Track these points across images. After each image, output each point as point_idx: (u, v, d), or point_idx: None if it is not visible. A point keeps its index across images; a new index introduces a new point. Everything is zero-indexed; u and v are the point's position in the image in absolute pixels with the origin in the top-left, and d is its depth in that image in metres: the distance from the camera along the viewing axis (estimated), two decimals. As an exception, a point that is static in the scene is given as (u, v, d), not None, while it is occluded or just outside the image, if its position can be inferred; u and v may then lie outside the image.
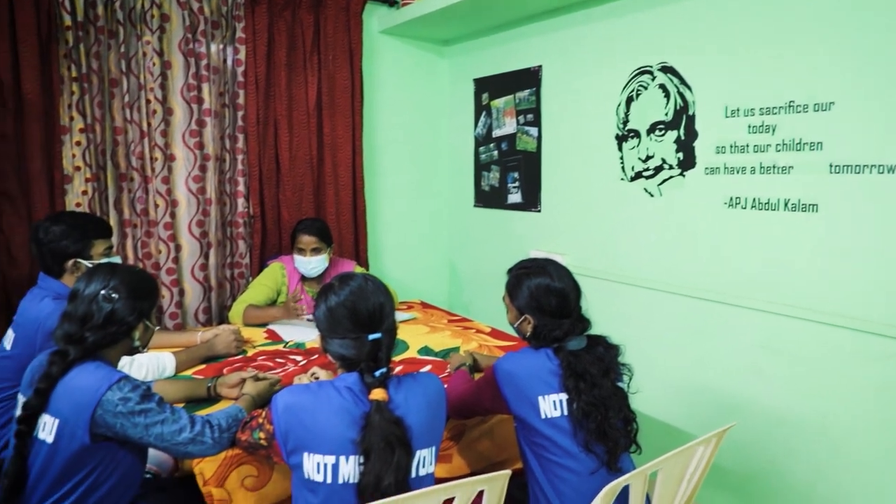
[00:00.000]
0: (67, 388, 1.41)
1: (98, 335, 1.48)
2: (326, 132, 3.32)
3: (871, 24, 1.90)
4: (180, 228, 2.99)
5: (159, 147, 2.91)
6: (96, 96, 2.76)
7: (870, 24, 1.90)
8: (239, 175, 3.13)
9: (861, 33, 1.93)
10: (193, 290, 3.03)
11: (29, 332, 1.90)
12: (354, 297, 1.38)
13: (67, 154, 2.71)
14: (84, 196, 2.74)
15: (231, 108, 3.11)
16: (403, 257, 3.76)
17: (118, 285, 1.53)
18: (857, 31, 1.93)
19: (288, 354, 2.29)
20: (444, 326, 2.72)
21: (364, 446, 1.25)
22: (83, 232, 2.02)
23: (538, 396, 1.55)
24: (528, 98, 3.25)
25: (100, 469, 1.43)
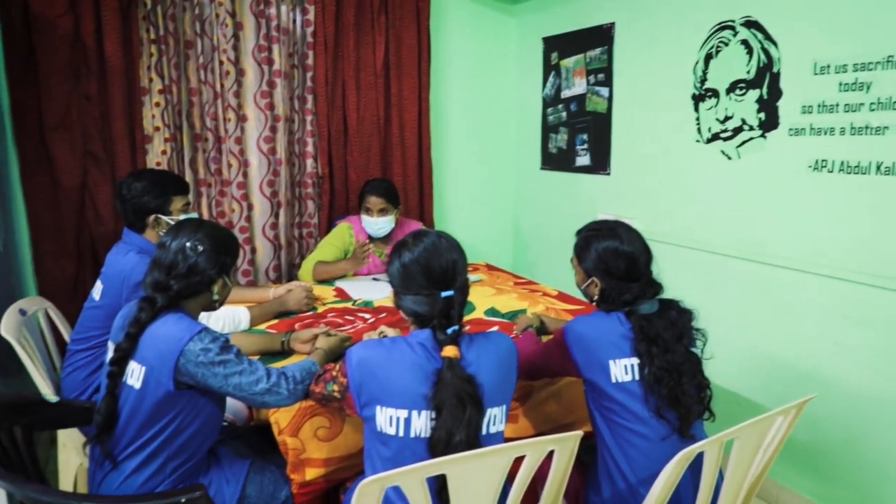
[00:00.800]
0: (153, 337, 1.47)
1: (181, 284, 1.53)
2: (393, 93, 3.32)
3: None
4: (252, 188, 3.06)
5: (232, 108, 2.97)
6: (173, 58, 2.83)
7: None
8: (308, 136, 3.17)
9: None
10: (264, 248, 3.12)
11: (115, 284, 1.99)
12: (428, 253, 1.39)
13: (147, 115, 2.80)
14: (163, 156, 2.84)
15: (300, 69, 3.13)
16: (469, 219, 3.75)
17: (203, 238, 1.58)
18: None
19: (356, 312, 2.33)
20: (511, 289, 2.71)
21: (436, 402, 1.26)
22: (163, 188, 2.09)
23: (609, 360, 1.53)
24: (599, 57, 3.15)
25: (183, 415, 1.49)
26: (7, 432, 1.54)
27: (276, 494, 1.65)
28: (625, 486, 1.52)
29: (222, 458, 1.66)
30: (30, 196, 2.68)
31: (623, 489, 1.52)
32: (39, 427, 1.67)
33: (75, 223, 2.75)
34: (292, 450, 1.58)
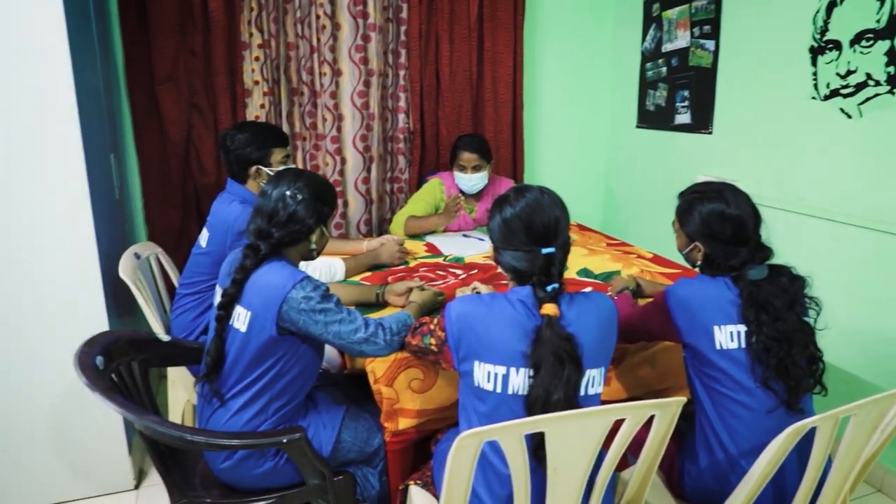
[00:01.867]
0: (258, 283, 1.53)
1: (282, 232, 1.58)
2: (487, 47, 3.25)
3: None
4: (345, 142, 3.10)
5: (327, 62, 2.99)
6: (272, 13, 2.86)
7: None
8: (400, 90, 3.17)
9: None
10: (356, 202, 3.17)
11: (220, 232, 2.08)
12: (530, 209, 1.36)
13: (247, 69, 2.86)
14: (261, 109, 2.91)
15: (394, 22, 3.11)
16: (559, 177, 3.67)
17: (302, 187, 1.61)
18: None
19: (448, 268, 2.34)
20: (603, 250, 2.64)
21: (534, 360, 1.25)
22: (264, 140, 2.15)
23: (714, 326, 1.46)
24: (705, 7, 2.95)
25: (285, 359, 1.55)
26: (126, 367, 1.66)
27: (370, 441, 1.70)
28: (724, 457, 1.47)
29: (319, 404, 1.72)
30: (141, 148, 2.82)
31: (722, 460, 1.47)
32: (153, 364, 1.78)
33: (181, 174, 2.87)
34: (387, 399, 1.62)
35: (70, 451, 2.20)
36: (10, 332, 2.04)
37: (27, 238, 2.00)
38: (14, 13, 1.87)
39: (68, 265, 2.06)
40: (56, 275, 2.05)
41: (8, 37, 1.88)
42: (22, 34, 1.89)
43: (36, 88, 1.92)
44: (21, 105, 1.92)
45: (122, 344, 1.67)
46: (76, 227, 2.04)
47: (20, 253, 2.00)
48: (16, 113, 1.92)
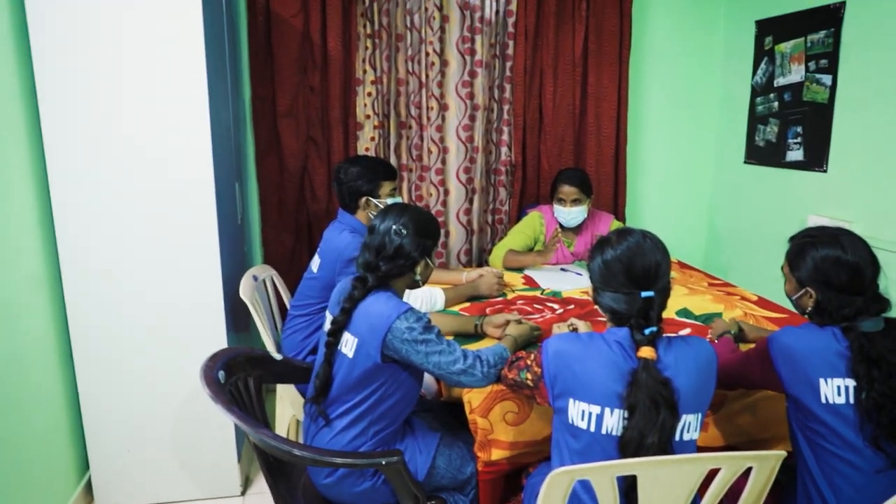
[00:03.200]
0: (366, 312, 1.63)
1: (389, 265, 1.68)
2: (591, 82, 3.28)
3: None
4: (449, 174, 3.21)
5: (435, 97, 3.12)
6: (385, 51, 3.04)
7: None
8: (504, 124, 3.25)
9: None
10: (457, 232, 3.26)
11: (330, 259, 2.21)
12: (631, 252, 1.38)
13: (360, 104, 3.05)
14: (371, 142, 3.07)
15: (500, 59, 3.21)
16: (661, 212, 3.62)
17: (408, 222, 1.71)
18: None
19: (545, 301, 2.37)
20: (705, 290, 2.58)
21: (630, 402, 1.27)
22: (374, 173, 2.28)
23: (819, 378, 1.42)
24: (822, 41, 2.85)
25: (386, 385, 1.64)
26: (243, 381, 1.80)
27: (463, 469, 1.75)
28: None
29: (416, 429, 1.79)
30: (261, 176, 3.05)
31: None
32: (266, 380, 1.92)
33: (296, 201, 3.08)
34: (481, 429, 1.67)
35: (185, 455, 2.39)
36: (145, 342, 2.26)
37: (163, 259, 2.22)
38: (162, 58, 2.10)
39: (196, 285, 2.26)
40: (185, 293, 2.25)
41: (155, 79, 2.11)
42: (168, 77, 2.12)
43: (177, 126, 2.15)
44: (165, 141, 2.15)
45: (241, 360, 1.81)
46: (205, 250, 2.24)
47: (156, 273, 2.22)
48: (160, 148, 2.15)
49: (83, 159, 2.12)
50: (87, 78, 2.08)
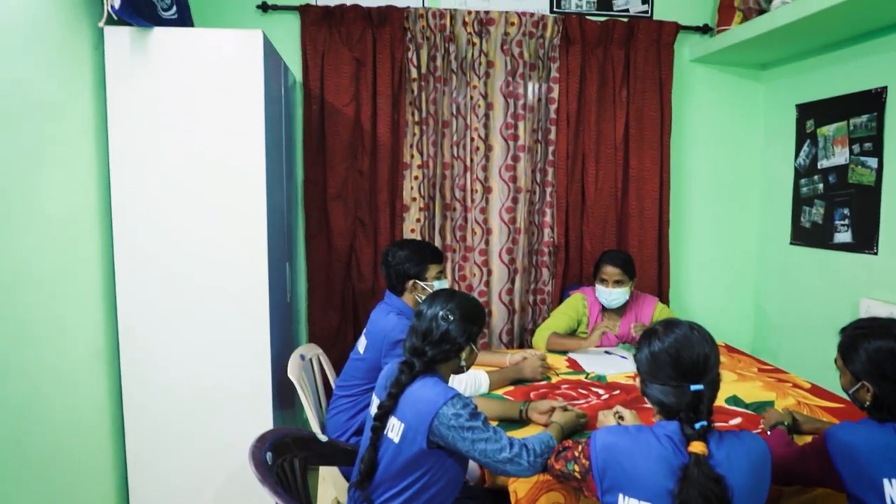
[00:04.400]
0: (412, 397, 1.65)
1: (435, 351, 1.70)
2: (633, 165, 3.34)
3: None
4: (492, 254, 3.26)
5: (479, 180, 3.22)
6: (431, 136, 3.16)
7: None
8: (546, 206, 3.31)
9: None
10: (499, 312, 3.28)
11: (377, 341, 2.25)
12: (679, 344, 1.38)
13: (407, 187, 3.16)
14: (417, 223, 3.16)
15: (543, 143, 3.30)
16: (706, 294, 3.58)
17: (454, 308, 1.74)
18: None
19: (590, 386, 2.35)
20: (755, 375, 2.52)
21: (681, 499, 1.24)
22: (422, 257, 2.35)
23: (883, 479, 1.37)
24: (865, 124, 2.87)
25: (432, 472, 1.64)
26: (290, 463, 1.82)
27: (507, 560, 1.71)
28: None
29: (460, 517, 1.77)
30: (310, 256, 3.16)
31: None
32: (312, 462, 1.93)
33: (342, 280, 3.16)
34: (527, 520, 1.64)
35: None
36: (194, 417, 2.32)
37: (215, 338, 2.30)
38: (224, 144, 2.25)
39: (246, 362, 2.32)
40: (235, 370, 2.32)
41: (217, 163, 2.25)
42: (229, 162, 2.26)
43: (236, 209, 2.27)
44: (223, 223, 2.27)
45: (288, 441, 1.84)
46: (256, 329, 2.32)
47: (208, 350, 2.30)
48: (218, 230, 2.27)
49: (146, 239, 2.25)
50: (155, 159, 2.24)
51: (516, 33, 3.19)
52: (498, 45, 3.20)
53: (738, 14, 3.20)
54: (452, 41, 3.15)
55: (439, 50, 3.14)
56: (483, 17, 3.15)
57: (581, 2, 3.36)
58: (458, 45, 3.17)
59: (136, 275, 2.26)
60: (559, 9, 3.34)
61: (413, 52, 3.12)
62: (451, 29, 3.14)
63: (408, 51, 3.12)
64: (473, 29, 3.15)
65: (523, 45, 3.21)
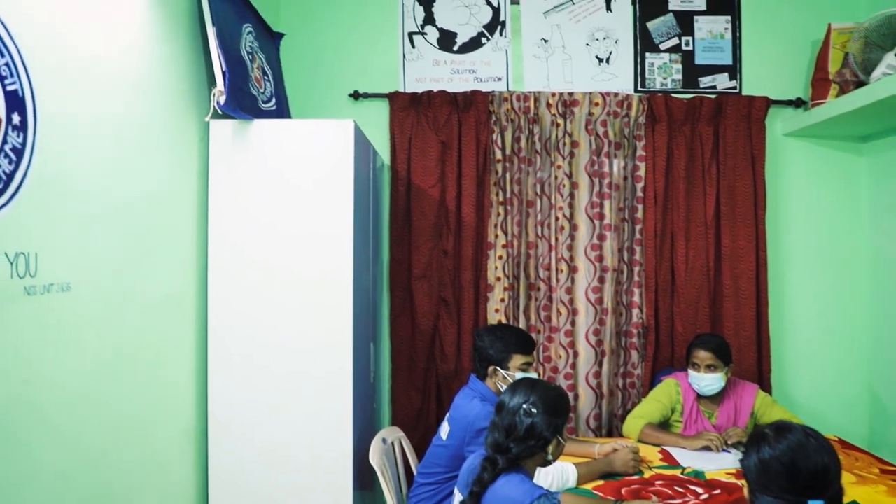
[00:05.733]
0: (496, 496, 1.58)
1: (520, 447, 1.64)
2: (725, 243, 3.21)
3: None
4: (578, 336, 3.17)
5: (564, 259, 3.17)
6: (516, 216, 3.17)
7: None
8: (634, 286, 3.21)
9: None
10: (587, 396, 3.16)
11: (460, 427, 2.20)
12: (793, 453, 1.27)
13: (491, 266, 3.15)
14: (501, 303, 3.13)
15: (629, 221, 3.24)
16: (812, 381, 3.32)
17: (537, 401, 1.68)
18: None
19: (686, 483, 2.19)
20: (876, 478, 2.28)
21: None
22: (506, 344, 2.31)
23: None
24: None
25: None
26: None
27: None
28: None
29: None
30: (394, 335, 3.17)
31: None
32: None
33: (425, 360, 3.15)
34: None
35: None
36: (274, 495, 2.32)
37: (299, 419, 2.31)
38: (313, 227, 2.33)
39: (328, 443, 2.32)
40: (317, 451, 2.32)
41: (305, 247, 2.33)
42: (317, 245, 2.34)
43: (322, 289, 2.33)
44: (309, 305, 2.32)
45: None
46: (338, 410, 2.32)
47: (291, 430, 2.32)
48: (305, 312, 2.32)
49: (237, 320, 2.33)
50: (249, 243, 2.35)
51: (601, 113, 3.20)
52: (582, 125, 3.22)
53: (833, 87, 3.09)
54: (536, 122, 3.19)
55: (523, 131, 3.19)
56: (567, 99, 3.18)
57: (666, 80, 3.35)
58: (542, 126, 3.21)
59: (227, 357, 2.33)
60: (644, 88, 3.33)
61: (497, 134, 3.17)
62: (536, 111, 3.18)
63: (492, 133, 3.18)
64: (557, 110, 3.18)
65: (608, 124, 3.21)
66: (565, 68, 3.30)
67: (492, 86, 3.27)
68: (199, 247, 2.35)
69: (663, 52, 3.34)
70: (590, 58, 3.31)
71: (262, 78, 2.72)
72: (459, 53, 3.29)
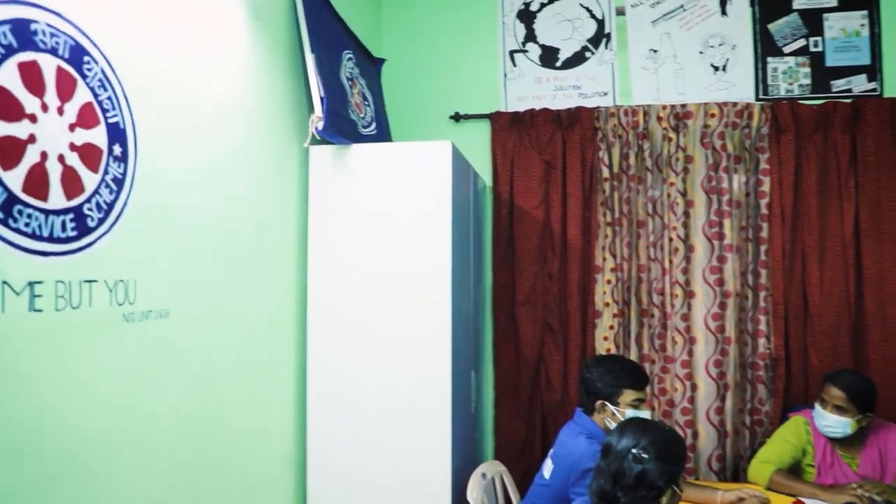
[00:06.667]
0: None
1: (629, 497, 1.48)
2: (867, 264, 2.85)
3: None
4: (697, 367, 2.92)
5: (679, 284, 2.94)
6: (625, 237, 2.99)
7: None
8: (760, 313, 2.92)
9: None
10: (708, 433, 2.88)
11: (564, 466, 2.05)
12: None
13: (599, 291, 2.98)
14: (610, 330, 2.95)
15: (753, 241, 2.96)
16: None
17: (648, 445, 1.51)
18: None
19: (827, 542, 1.91)
20: None
21: None
22: (616, 378, 2.13)
23: None
24: None
25: None
26: None
27: None
28: None
29: None
30: (497, 362, 3.06)
31: None
32: None
33: (530, 389, 3.01)
34: None
35: None
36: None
37: (396, 448, 2.25)
38: (414, 255, 2.28)
39: (425, 476, 2.24)
40: (416, 487, 2.24)
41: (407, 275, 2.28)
42: (419, 272, 2.28)
43: (422, 315, 2.26)
44: (410, 332, 2.27)
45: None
46: (436, 441, 2.24)
47: (388, 458, 2.25)
48: (402, 343, 2.27)
49: (336, 344, 2.33)
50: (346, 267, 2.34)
51: (717, 125, 2.96)
52: (697, 139, 2.99)
53: None
54: (646, 138, 3.00)
55: (632, 148, 3.01)
56: (679, 111, 2.97)
57: (792, 86, 3.05)
58: (652, 141, 3.01)
59: (325, 383, 2.33)
60: (766, 95, 3.05)
61: (604, 152, 3.02)
62: (645, 125, 2.99)
63: (599, 150, 3.03)
64: (669, 124, 2.98)
65: (726, 136, 2.96)
66: (677, 79, 3.09)
67: (597, 101, 3.12)
68: (299, 272, 2.36)
69: (787, 55, 3.04)
70: (704, 66, 3.08)
71: (363, 103, 2.73)
72: (562, 69, 3.16)
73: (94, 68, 1.36)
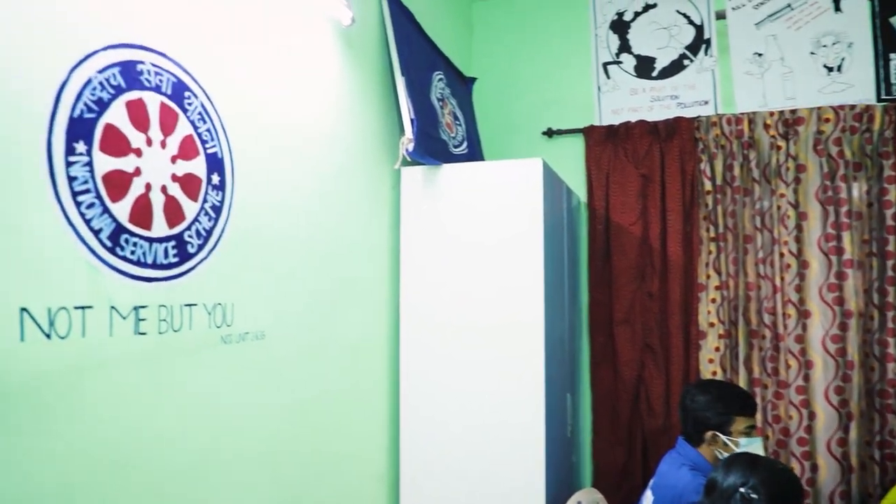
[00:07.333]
0: None
1: (738, 539, 1.36)
2: None
3: None
4: (815, 393, 2.68)
5: (792, 303, 2.73)
6: (731, 253, 2.81)
7: None
8: (888, 335, 2.65)
9: None
10: (829, 467, 2.64)
11: (665, 499, 1.93)
12: None
13: (703, 310, 2.82)
14: (716, 352, 2.78)
15: (879, 256, 2.70)
16: None
17: (757, 485, 1.39)
18: None
19: None
20: None
21: None
22: (726, 405, 1.99)
23: None
24: None
25: None
26: None
27: None
28: None
29: None
30: (595, 384, 2.95)
31: None
32: None
33: (629, 413, 2.88)
34: None
35: None
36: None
37: (486, 473, 2.20)
38: (505, 275, 2.24)
39: (516, 501, 2.17)
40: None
41: (499, 295, 2.24)
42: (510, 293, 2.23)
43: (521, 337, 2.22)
44: (502, 353, 2.22)
45: None
46: (530, 466, 2.18)
47: (480, 482, 2.21)
48: (496, 361, 2.23)
49: (427, 365, 2.32)
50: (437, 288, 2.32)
51: (833, 130, 2.73)
52: (809, 146, 2.78)
53: None
54: (752, 147, 2.82)
55: (736, 158, 2.84)
56: (789, 118, 2.77)
57: (922, 83, 2.78)
58: (759, 150, 2.83)
59: (416, 403, 2.32)
60: (889, 95, 2.79)
61: (706, 163, 2.86)
62: (751, 134, 2.82)
63: (700, 162, 2.88)
64: (777, 131, 2.79)
65: (843, 142, 2.73)
66: (785, 83, 2.88)
67: (697, 110, 2.97)
68: (391, 294, 2.38)
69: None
70: (816, 68, 2.86)
71: (454, 123, 2.73)
72: (659, 79, 3.04)
73: (195, 102, 1.43)
